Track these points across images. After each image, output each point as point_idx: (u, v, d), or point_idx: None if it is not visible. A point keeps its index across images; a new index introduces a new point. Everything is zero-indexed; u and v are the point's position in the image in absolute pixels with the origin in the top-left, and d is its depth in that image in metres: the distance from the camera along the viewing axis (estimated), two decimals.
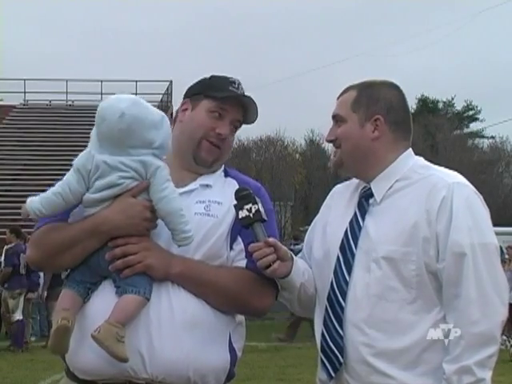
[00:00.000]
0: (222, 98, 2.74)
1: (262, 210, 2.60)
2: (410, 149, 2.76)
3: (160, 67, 58.92)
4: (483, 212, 2.61)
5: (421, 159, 2.76)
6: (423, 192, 2.60)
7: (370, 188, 2.72)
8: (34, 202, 2.61)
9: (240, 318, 2.77)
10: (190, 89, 2.89)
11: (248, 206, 2.59)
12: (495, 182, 41.08)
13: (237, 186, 2.73)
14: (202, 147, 2.73)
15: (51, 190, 2.61)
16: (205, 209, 2.68)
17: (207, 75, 2.87)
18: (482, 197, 2.65)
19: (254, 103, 2.78)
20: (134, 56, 67.43)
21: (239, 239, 2.70)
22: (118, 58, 65.76)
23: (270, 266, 2.58)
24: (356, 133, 2.70)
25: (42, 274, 14.10)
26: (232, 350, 2.67)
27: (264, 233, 2.60)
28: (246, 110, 2.80)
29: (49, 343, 2.58)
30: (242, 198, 2.62)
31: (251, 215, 2.59)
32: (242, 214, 2.59)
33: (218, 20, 72.13)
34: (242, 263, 2.68)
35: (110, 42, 70.40)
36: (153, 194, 2.59)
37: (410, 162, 2.72)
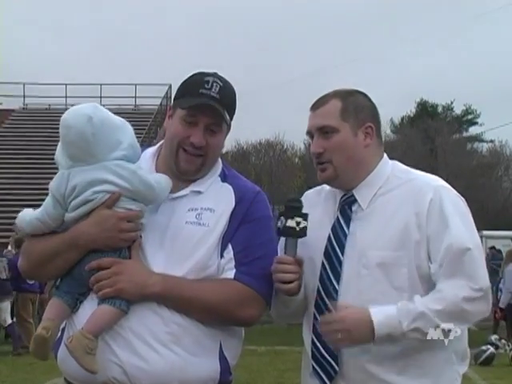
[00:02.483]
0: (189, 107, 2.65)
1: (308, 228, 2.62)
2: (385, 154, 2.79)
3: (160, 71, 58.88)
4: (469, 214, 2.66)
5: (397, 163, 2.79)
6: (409, 196, 2.63)
7: (352, 195, 2.72)
8: (21, 220, 2.67)
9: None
10: (176, 90, 2.82)
11: (299, 219, 2.61)
12: (494, 186, 41.09)
13: (232, 193, 2.71)
14: (179, 157, 2.67)
15: (36, 211, 2.65)
16: (196, 217, 2.64)
17: (194, 72, 2.77)
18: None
19: (222, 106, 2.65)
20: (134, 59, 67.46)
21: (229, 247, 2.65)
22: (118, 62, 65.83)
23: (289, 282, 2.59)
24: (351, 142, 2.69)
25: None
26: (223, 358, 2.63)
27: (296, 249, 2.62)
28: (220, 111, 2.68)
29: (29, 348, 2.61)
30: (296, 208, 2.63)
31: (297, 229, 2.61)
32: (291, 223, 2.61)
33: (217, 24, 72.24)
34: (231, 273, 2.64)
35: (110, 45, 70.44)
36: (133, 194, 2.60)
37: (389, 167, 2.75)
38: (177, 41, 73.22)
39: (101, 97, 33.69)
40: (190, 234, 2.61)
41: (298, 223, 2.60)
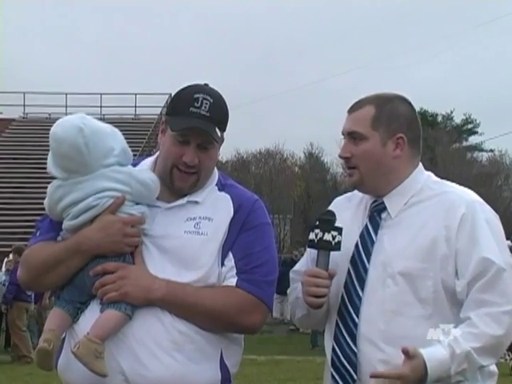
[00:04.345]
0: (179, 130, 2.64)
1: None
2: (421, 163, 2.76)
3: (160, 80, 58.95)
4: (502, 232, 2.64)
5: (431, 174, 2.76)
6: (441, 208, 2.60)
7: (382, 202, 2.70)
8: (45, 205, 2.70)
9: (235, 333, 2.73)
10: (168, 104, 2.81)
11: (335, 233, 2.60)
12: (494, 196, 40.87)
13: (230, 202, 2.71)
14: (174, 176, 2.68)
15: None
16: (195, 226, 2.65)
17: (184, 86, 2.74)
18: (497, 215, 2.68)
19: (213, 124, 2.64)
20: (134, 69, 67.56)
21: (230, 255, 2.66)
22: (118, 71, 65.85)
23: (320, 296, 2.59)
24: (378, 152, 2.66)
25: None
26: (224, 367, 2.64)
27: (328, 263, 2.61)
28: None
29: (34, 360, 2.60)
30: (331, 222, 2.63)
31: (333, 243, 2.60)
32: (328, 237, 2.60)
33: (218, 33, 72.34)
34: (233, 281, 2.64)
35: (110, 54, 70.51)
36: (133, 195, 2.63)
37: (422, 177, 2.72)
38: (177, 50, 73.36)
39: (101, 106, 33.80)
40: (190, 244, 2.62)
41: (333, 237, 2.59)
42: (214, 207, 2.70)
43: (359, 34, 69.94)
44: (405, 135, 2.67)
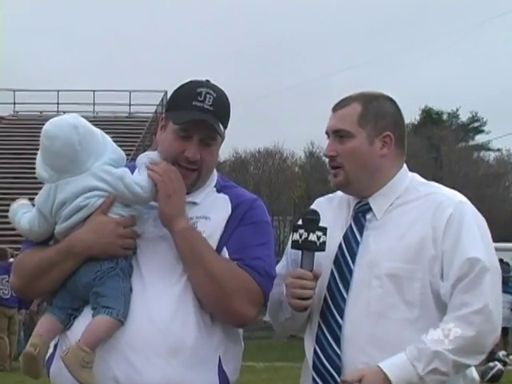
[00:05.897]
0: (182, 123, 2.63)
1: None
2: (405, 165, 2.76)
3: (155, 77, 58.62)
4: (489, 234, 2.63)
5: (416, 175, 2.77)
6: (428, 209, 2.60)
7: (367, 203, 2.70)
8: (13, 214, 2.68)
9: (234, 338, 2.67)
10: (168, 100, 2.82)
11: (320, 233, 2.58)
12: (501, 196, 41.16)
13: (228, 202, 2.71)
14: None
15: (26, 215, 2.66)
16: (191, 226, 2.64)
17: (185, 81, 2.74)
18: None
19: (216, 119, 2.64)
20: (128, 65, 67.40)
21: (224, 249, 2.63)
22: (111, 67, 65.83)
23: (304, 298, 2.56)
24: (365, 150, 2.66)
25: None
26: (222, 373, 2.60)
27: (313, 264, 2.58)
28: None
29: (20, 365, 2.59)
30: (315, 221, 2.61)
31: (318, 243, 2.58)
32: (312, 237, 2.57)
33: (216, 30, 72.46)
34: None
35: (103, 50, 70.37)
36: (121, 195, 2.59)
37: (407, 178, 2.73)
38: (173, 47, 73.44)
39: (94, 103, 33.73)
40: None
41: (318, 237, 2.56)
42: (212, 207, 2.70)
43: (362, 30, 70.18)
44: (392, 134, 2.68)
